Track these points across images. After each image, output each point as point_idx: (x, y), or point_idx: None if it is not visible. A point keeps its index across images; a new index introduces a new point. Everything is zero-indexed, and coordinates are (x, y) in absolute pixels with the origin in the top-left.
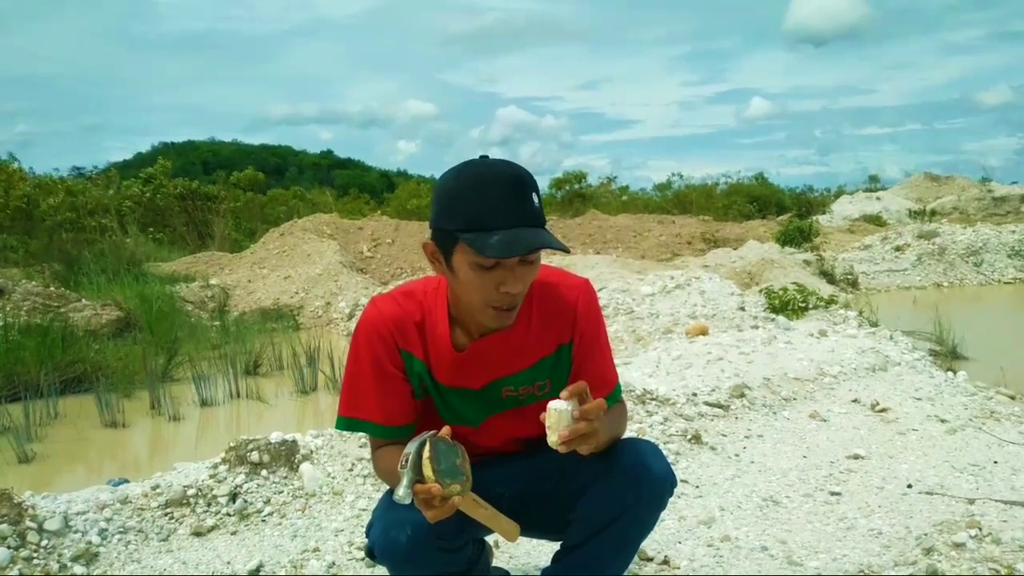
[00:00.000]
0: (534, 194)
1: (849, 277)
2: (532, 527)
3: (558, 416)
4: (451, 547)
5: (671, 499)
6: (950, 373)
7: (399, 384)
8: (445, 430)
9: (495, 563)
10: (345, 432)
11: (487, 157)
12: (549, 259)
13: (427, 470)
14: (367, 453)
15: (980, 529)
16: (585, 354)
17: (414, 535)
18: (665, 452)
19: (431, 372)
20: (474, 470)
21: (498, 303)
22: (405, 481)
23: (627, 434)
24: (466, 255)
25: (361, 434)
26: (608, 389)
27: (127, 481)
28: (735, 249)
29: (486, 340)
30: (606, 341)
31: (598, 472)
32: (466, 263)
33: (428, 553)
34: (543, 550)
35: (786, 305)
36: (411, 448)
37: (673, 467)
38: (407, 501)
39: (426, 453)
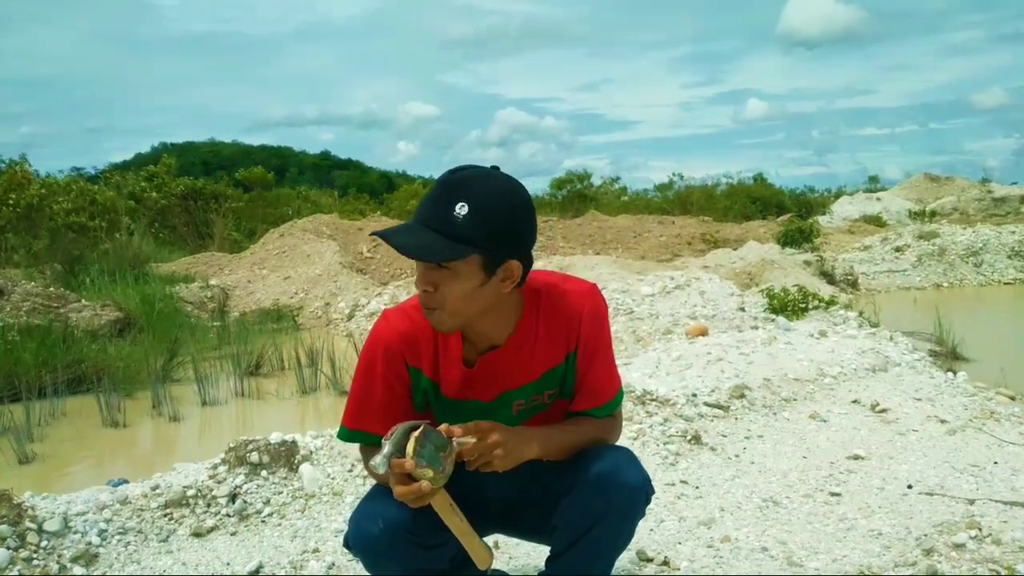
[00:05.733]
0: (460, 205)
1: (849, 278)
2: (523, 531)
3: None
4: (426, 543)
5: (674, 499)
6: (950, 374)
7: (403, 400)
8: (444, 427)
9: (494, 565)
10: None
11: (497, 168)
12: (548, 260)
13: (409, 447)
14: None
15: (980, 530)
16: (588, 363)
17: (386, 528)
18: (665, 453)
19: (439, 388)
20: (469, 474)
21: (419, 298)
22: (385, 451)
23: (623, 435)
24: None
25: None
26: (598, 402)
27: (127, 482)
28: (735, 250)
29: (494, 354)
30: (608, 349)
31: (572, 482)
32: None
33: (401, 547)
34: (543, 550)
35: (786, 306)
36: (401, 426)
37: (673, 468)
38: (381, 471)
39: (415, 434)
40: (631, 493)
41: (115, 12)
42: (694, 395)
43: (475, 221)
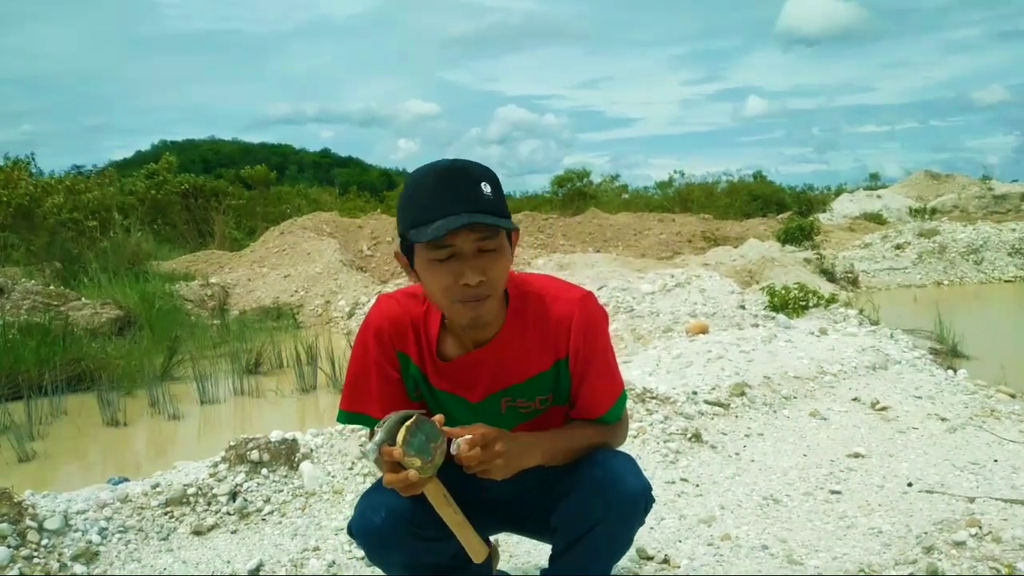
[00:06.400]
0: (483, 184)
1: (849, 275)
2: (526, 530)
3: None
4: (427, 536)
5: (674, 497)
6: (950, 371)
7: (397, 384)
8: (438, 417)
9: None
10: (345, 425)
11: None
12: (548, 258)
13: (399, 435)
14: None
15: (980, 528)
16: (582, 373)
17: (388, 518)
18: (665, 451)
19: (425, 376)
20: (470, 474)
21: (461, 297)
22: (376, 438)
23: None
24: (421, 253)
25: (361, 432)
26: (598, 412)
27: (127, 480)
28: (735, 247)
29: (477, 354)
30: (605, 357)
31: (572, 484)
32: (424, 261)
33: (402, 538)
34: (543, 550)
35: (786, 303)
36: (395, 415)
37: (673, 466)
38: (371, 458)
39: (408, 423)
40: (630, 500)
41: (116, 11)
42: (694, 393)
43: (496, 196)
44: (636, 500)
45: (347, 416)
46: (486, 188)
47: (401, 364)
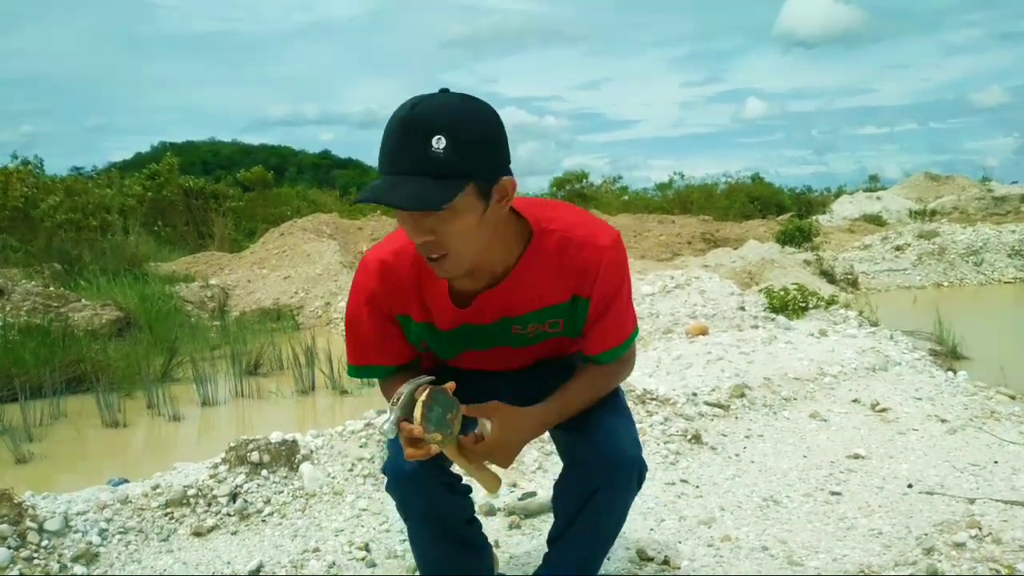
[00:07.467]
0: (436, 139)
1: (849, 277)
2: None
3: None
4: (449, 479)
5: (674, 498)
6: (950, 373)
7: (399, 337)
8: (450, 385)
9: (500, 569)
10: (357, 379)
11: (447, 90)
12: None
13: (417, 412)
14: (367, 453)
15: (980, 529)
16: (600, 313)
17: (420, 464)
18: (665, 452)
19: (433, 327)
20: (483, 376)
21: (421, 252)
22: (392, 416)
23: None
24: None
25: (362, 431)
26: (607, 346)
27: (127, 481)
28: (735, 249)
29: (493, 292)
30: (625, 296)
31: (572, 452)
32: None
33: (431, 487)
34: (543, 551)
35: (786, 305)
36: (407, 388)
37: (673, 467)
38: (391, 436)
39: (422, 397)
40: (629, 467)
41: (116, 11)
42: (694, 394)
43: (458, 149)
44: (632, 467)
45: (357, 369)
46: (439, 144)
47: (402, 325)
